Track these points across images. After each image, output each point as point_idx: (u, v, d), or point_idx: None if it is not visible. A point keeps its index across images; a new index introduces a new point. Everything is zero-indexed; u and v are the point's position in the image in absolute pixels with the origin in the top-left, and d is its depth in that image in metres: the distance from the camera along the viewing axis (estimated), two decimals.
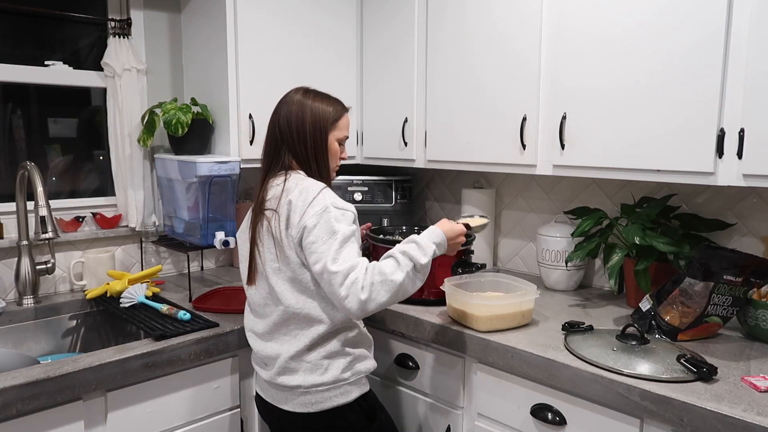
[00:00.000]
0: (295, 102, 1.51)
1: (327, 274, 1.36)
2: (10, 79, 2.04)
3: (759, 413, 1.18)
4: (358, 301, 1.35)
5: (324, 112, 1.51)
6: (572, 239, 2.01)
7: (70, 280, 2.11)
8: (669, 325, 1.60)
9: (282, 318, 1.48)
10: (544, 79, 1.86)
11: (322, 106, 1.51)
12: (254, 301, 1.56)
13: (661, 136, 1.61)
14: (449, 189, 2.64)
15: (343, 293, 1.35)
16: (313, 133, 1.49)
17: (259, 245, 1.50)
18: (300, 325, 1.48)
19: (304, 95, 1.53)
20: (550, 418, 1.50)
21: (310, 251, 1.39)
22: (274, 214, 1.46)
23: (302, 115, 1.49)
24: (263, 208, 1.49)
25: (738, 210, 1.83)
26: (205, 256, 2.49)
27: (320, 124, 1.50)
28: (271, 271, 1.48)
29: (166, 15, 2.33)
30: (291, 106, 1.51)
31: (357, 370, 1.52)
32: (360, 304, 1.35)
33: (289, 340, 1.49)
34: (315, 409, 1.47)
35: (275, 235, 1.45)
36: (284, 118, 1.51)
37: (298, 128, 1.49)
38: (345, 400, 1.49)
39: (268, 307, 1.52)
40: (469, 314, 1.68)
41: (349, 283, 1.35)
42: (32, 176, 1.81)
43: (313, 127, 1.49)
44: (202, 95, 2.26)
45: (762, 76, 1.43)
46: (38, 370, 1.42)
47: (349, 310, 1.36)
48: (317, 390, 1.47)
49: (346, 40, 2.41)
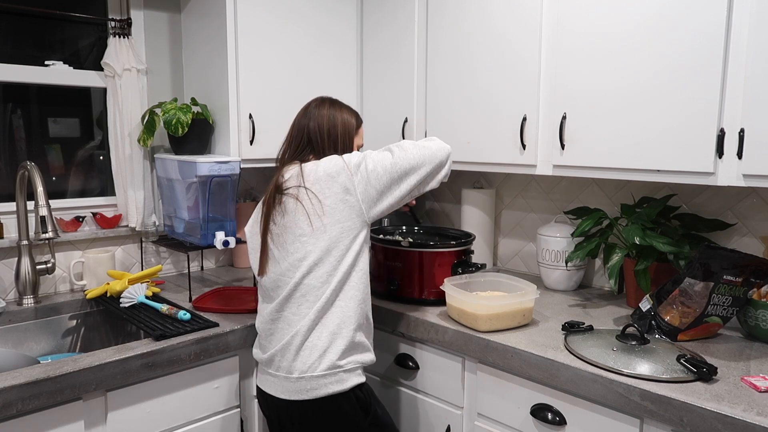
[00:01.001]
0: (326, 114, 1.69)
1: (396, 152, 1.58)
2: (10, 79, 2.04)
3: (759, 413, 1.18)
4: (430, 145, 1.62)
5: (351, 121, 1.71)
6: (572, 239, 2.01)
7: (70, 280, 2.11)
8: (669, 325, 1.60)
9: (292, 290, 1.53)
10: (544, 79, 1.86)
11: (349, 117, 1.72)
12: (266, 285, 1.60)
13: (661, 136, 1.61)
14: (449, 189, 2.64)
15: (411, 147, 1.60)
16: (343, 139, 1.68)
17: (274, 230, 1.57)
18: (307, 304, 1.51)
19: (331, 106, 1.71)
20: (550, 418, 1.50)
21: (375, 161, 1.55)
22: (300, 189, 1.55)
23: (334, 122, 1.68)
24: (284, 189, 1.58)
25: (738, 210, 1.83)
26: (205, 256, 2.49)
27: (348, 129, 1.70)
28: (299, 244, 1.53)
29: (166, 15, 2.33)
30: (322, 118, 1.68)
31: (354, 360, 1.54)
32: (436, 147, 1.62)
33: (295, 320, 1.52)
34: (309, 396, 1.49)
35: (306, 207, 1.53)
36: (316, 125, 1.67)
37: (329, 133, 1.66)
38: (340, 387, 1.50)
39: (278, 290, 1.56)
40: (469, 314, 1.68)
41: (410, 143, 1.61)
42: (32, 176, 1.81)
43: (343, 134, 1.68)
44: (202, 95, 2.26)
45: (762, 76, 1.43)
46: (38, 370, 1.42)
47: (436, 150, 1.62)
48: (312, 376, 1.48)
49: (346, 40, 2.41)
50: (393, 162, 1.55)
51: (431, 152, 1.61)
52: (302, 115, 1.70)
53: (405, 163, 1.56)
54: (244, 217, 2.44)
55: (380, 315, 1.90)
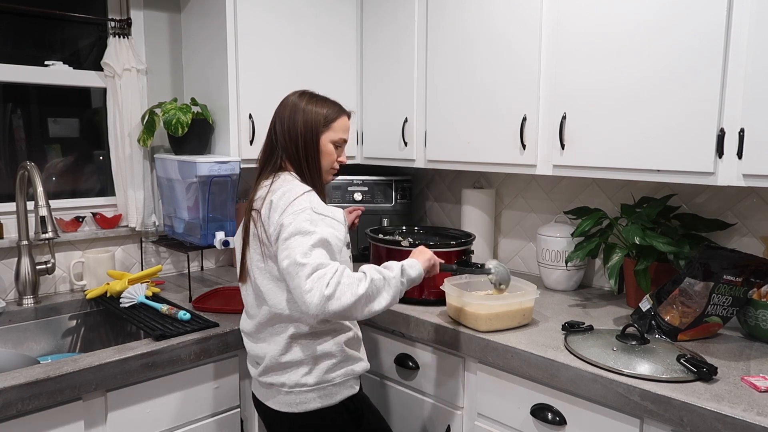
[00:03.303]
0: (290, 104, 1.55)
1: (293, 267, 1.31)
2: (10, 79, 2.04)
3: (759, 413, 1.18)
4: (320, 297, 1.27)
5: (316, 114, 1.53)
6: (572, 239, 2.01)
7: (70, 280, 2.11)
8: (669, 325, 1.60)
9: (267, 318, 1.49)
10: (544, 79, 1.86)
11: (316, 108, 1.53)
12: (246, 301, 1.58)
13: (661, 136, 1.61)
14: (449, 189, 2.64)
15: (307, 286, 1.29)
16: (304, 133, 1.51)
17: (247, 245, 1.52)
18: (285, 325, 1.48)
19: (299, 97, 1.55)
20: (550, 418, 1.50)
21: (282, 248, 1.36)
22: (258, 213, 1.47)
23: (294, 116, 1.52)
24: (251, 208, 1.51)
25: (738, 210, 1.83)
26: (205, 256, 2.49)
27: (311, 125, 1.52)
28: (257, 270, 1.49)
29: (166, 15, 2.33)
30: (285, 109, 1.55)
31: (346, 372, 1.51)
32: (322, 300, 1.27)
33: (275, 340, 1.49)
34: (299, 410, 1.47)
35: (259, 234, 1.46)
36: (278, 119, 1.55)
37: (290, 129, 1.52)
38: (329, 402, 1.48)
39: (256, 308, 1.53)
40: (470, 314, 1.68)
41: (315, 278, 1.29)
42: (32, 176, 1.81)
43: (304, 128, 1.51)
44: (202, 95, 2.26)
45: (762, 75, 1.43)
46: (38, 370, 1.42)
47: (309, 304, 1.28)
48: (301, 390, 1.47)
49: (346, 41, 2.41)
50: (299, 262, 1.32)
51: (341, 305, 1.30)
52: (274, 112, 1.59)
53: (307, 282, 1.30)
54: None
55: (380, 315, 1.89)
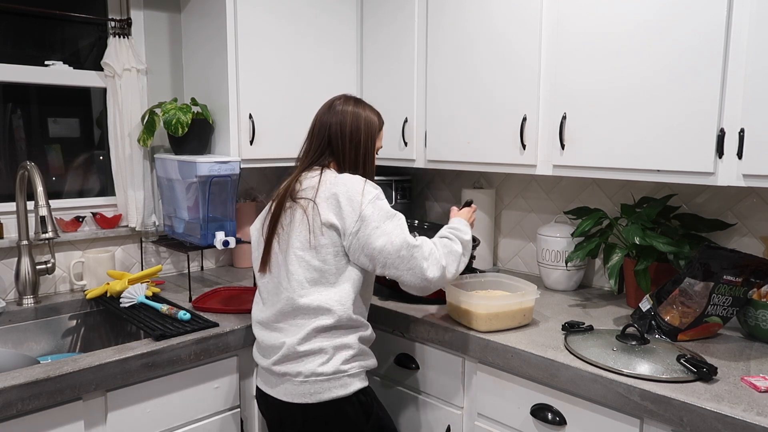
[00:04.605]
0: (350, 111, 1.63)
1: (408, 249, 1.47)
2: (10, 79, 2.04)
3: (759, 413, 1.18)
4: (439, 268, 1.48)
5: (374, 122, 1.66)
6: (572, 239, 2.01)
7: (70, 280, 2.11)
8: (669, 325, 1.60)
9: (291, 307, 1.51)
10: (544, 79, 1.86)
11: (372, 116, 1.66)
12: (265, 288, 1.59)
13: (661, 136, 1.61)
14: (449, 189, 2.64)
15: (425, 264, 1.47)
16: (365, 140, 1.63)
17: (281, 233, 1.56)
18: (307, 316, 1.50)
19: (356, 105, 1.65)
20: (550, 418, 1.50)
21: (376, 235, 1.47)
22: (310, 203, 1.52)
23: (357, 122, 1.62)
24: (297, 197, 1.55)
25: (738, 210, 1.83)
26: (205, 256, 2.49)
27: (371, 132, 1.65)
28: (295, 258, 1.52)
29: (166, 15, 2.33)
30: (345, 115, 1.62)
31: (359, 365, 1.54)
32: (441, 271, 1.48)
33: (294, 330, 1.51)
34: (313, 400, 1.48)
35: (310, 223, 1.50)
36: (337, 125, 1.62)
37: (352, 134, 1.61)
38: (344, 392, 1.49)
39: (278, 295, 1.55)
40: (470, 314, 1.68)
41: (427, 254, 1.48)
42: (32, 176, 1.81)
43: (365, 135, 1.63)
44: (202, 95, 2.26)
45: (762, 75, 1.43)
46: (38, 370, 1.42)
47: (431, 279, 1.47)
48: (317, 380, 1.48)
49: (346, 40, 2.41)
50: (405, 256, 1.47)
51: (441, 274, 1.50)
52: (325, 111, 1.64)
53: (417, 267, 1.48)
54: (244, 217, 2.44)
55: (380, 315, 1.90)
